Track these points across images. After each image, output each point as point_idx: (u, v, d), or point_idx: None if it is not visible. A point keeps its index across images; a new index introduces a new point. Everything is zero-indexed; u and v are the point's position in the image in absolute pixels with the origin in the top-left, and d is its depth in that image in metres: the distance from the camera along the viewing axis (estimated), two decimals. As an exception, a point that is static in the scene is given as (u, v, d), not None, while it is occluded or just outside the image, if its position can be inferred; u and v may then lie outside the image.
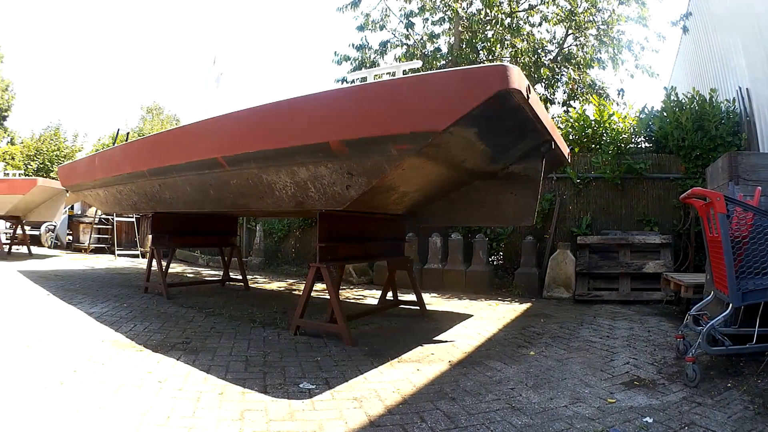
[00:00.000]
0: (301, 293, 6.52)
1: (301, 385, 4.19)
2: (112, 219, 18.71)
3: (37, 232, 21.71)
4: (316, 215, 6.05)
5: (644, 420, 3.50)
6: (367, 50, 15.61)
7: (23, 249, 17.61)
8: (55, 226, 21.10)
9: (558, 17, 15.23)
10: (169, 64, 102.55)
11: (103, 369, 4.49)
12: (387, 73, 5.91)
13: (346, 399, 3.89)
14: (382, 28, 15.52)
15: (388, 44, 15.70)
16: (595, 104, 11.44)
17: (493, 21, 14.25)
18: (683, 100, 10.75)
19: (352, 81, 12.80)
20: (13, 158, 34.97)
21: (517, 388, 4.18)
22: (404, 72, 5.27)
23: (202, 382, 4.21)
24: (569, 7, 14.81)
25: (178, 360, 4.84)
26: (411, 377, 4.47)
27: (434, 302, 8.86)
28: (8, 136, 49.04)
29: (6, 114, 51.11)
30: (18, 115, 68.19)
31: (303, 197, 5.80)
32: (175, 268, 13.99)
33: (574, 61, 15.26)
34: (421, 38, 15.78)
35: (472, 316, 7.60)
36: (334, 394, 4.01)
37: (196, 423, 3.37)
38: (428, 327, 6.71)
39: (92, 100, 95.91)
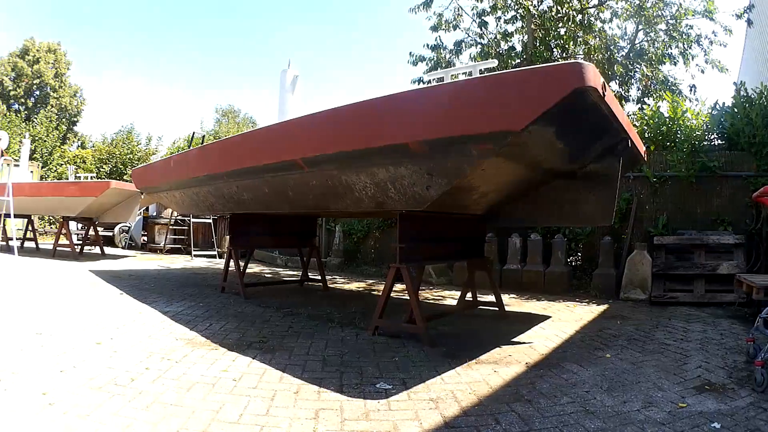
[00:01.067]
0: (380, 294, 6.65)
1: (377, 385, 4.25)
2: (189, 220, 19.28)
3: (110, 233, 22.71)
4: (396, 216, 6.12)
5: (712, 425, 3.51)
6: (441, 50, 15.71)
7: (96, 249, 18.39)
8: (129, 227, 22.00)
9: (627, 12, 15.01)
10: (244, 66, 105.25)
11: (177, 367, 4.65)
12: (463, 73, 5.89)
13: (422, 400, 3.93)
14: (455, 27, 15.61)
15: (463, 44, 15.80)
16: (668, 101, 11.27)
17: (565, 18, 14.19)
18: (752, 96, 10.47)
19: (429, 81, 12.77)
20: (84, 162, 36.46)
21: (592, 391, 4.22)
22: (480, 71, 5.28)
23: (277, 381, 4.31)
24: (637, 1, 14.55)
25: (253, 359, 4.97)
26: (488, 379, 4.49)
27: (513, 303, 8.86)
28: (79, 140, 51.35)
29: (76, 119, 53.63)
30: (89, 120, 71.40)
31: (383, 198, 5.88)
32: (253, 268, 14.33)
33: (646, 57, 15.03)
34: (495, 37, 15.80)
35: (550, 317, 7.66)
36: (411, 394, 4.05)
37: (269, 421, 3.45)
38: (507, 328, 6.75)
39: (166, 104, 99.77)
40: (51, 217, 30.03)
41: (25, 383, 4.02)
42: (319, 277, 10.42)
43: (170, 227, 20.15)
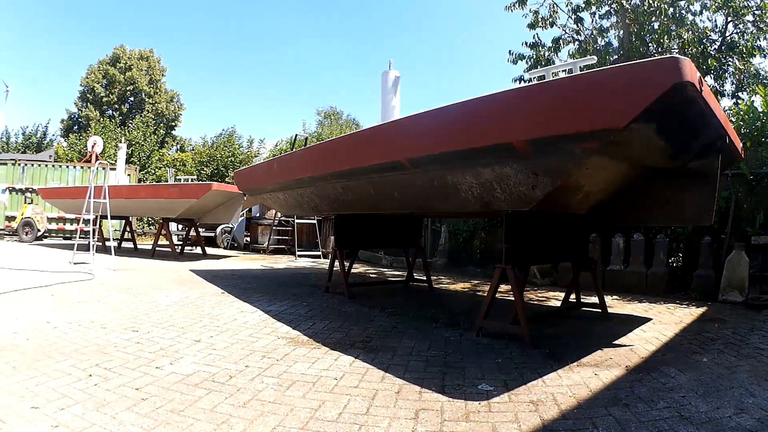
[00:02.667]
0: (485, 294, 6.74)
1: (479, 387, 4.30)
2: (293, 221, 19.89)
3: (212, 234, 23.75)
4: (501, 216, 6.26)
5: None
6: (540, 48, 15.83)
7: (197, 250, 19.13)
8: (231, 228, 22.95)
9: (716, 4, 14.69)
10: (345, 67, 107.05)
11: (277, 365, 4.84)
12: (563, 71, 5.98)
13: (522, 402, 3.97)
14: (552, 24, 15.71)
15: (560, 40, 15.93)
16: (761, 95, 10.87)
17: (657, 12, 14.01)
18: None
19: (529, 80, 13.10)
20: (184, 165, 37.94)
21: (688, 396, 4.22)
22: (580, 68, 5.32)
23: (379, 381, 4.42)
24: (724, -8, 14.21)
25: (356, 358, 5.11)
26: (588, 382, 4.51)
27: (615, 305, 8.81)
28: (177, 144, 53.49)
29: (174, 124, 55.94)
30: (188, 124, 74.47)
31: (489, 198, 5.95)
32: (358, 268, 14.65)
33: (737, 50, 14.69)
34: (591, 33, 15.79)
35: (651, 320, 7.63)
36: (511, 396, 4.10)
37: (368, 420, 3.55)
38: (608, 331, 6.79)
39: (267, 107, 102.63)
40: (150, 219, 31.40)
41: (119, 379, 4.29)
42: (424, 278, 10.57)
43: (274, 228, 20.84)
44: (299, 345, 5.59)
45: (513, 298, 6.06)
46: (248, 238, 22.90)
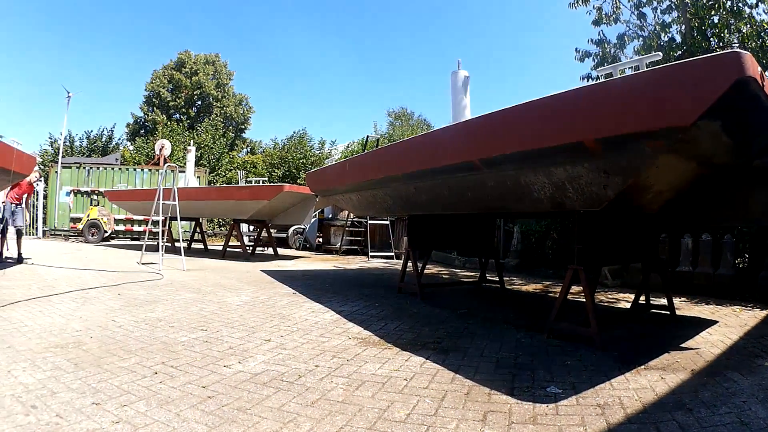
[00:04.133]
0: (556, 295, 6.75)
1: (548, 389, 4.30)
2: (365, 221, 20.06)
3: (284, 235, 24.07)
4: (573, 216, 6.25)
5: None
6: (606, 45, 15.64)
7: (268, 250, 19.41)
8: (304, 229, 23.25)
9: None
10: (415, 68, 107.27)
11: (347, 365, 4.90)
12: (630, 68, 6.02)
13: (590, 405, 3.96)
14: (615, 20, 15.56)
15: (625, 37, 15.71)
16: None
17: (716, 5, 13.76)
18: None
19: (597, 77, 12.91)
20: (255, 167, 38.57)
21: (749, 401, 4.20)
22: (646, 65, 5.32)
23: (448, 382, 4.43)
24: (773, -18, 13.80)
25: (427, 359, 5.14)
26: (654, 385, 4.48)
27: (683, 307, 8.75)
28: (247, 146, 54.45)
29: (243, 126, 56.92)
30: (258, 127, 75.92)
31: (561, 198, 5.94)
32: (431, 269, 14.67)
33: None
34: (654, 28, 15.56)
35: (717, 322, 7.61)
36: (579, 399, 4.10)
37: (436, 422, 3.56)
38: (675, 333, 6.79)
39: (337, 108, 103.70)
40: (220, 220, 31.99)
41: (185, 377, 4.40)
42: (496, 279, 10.60)
43: (346, 229, 21.09)
44: (370, 345, 5.65)
45: (584, 300, 6.08)
46: (320, 239, 23.22)
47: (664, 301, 7.69)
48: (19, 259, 13.41)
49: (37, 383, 4.15)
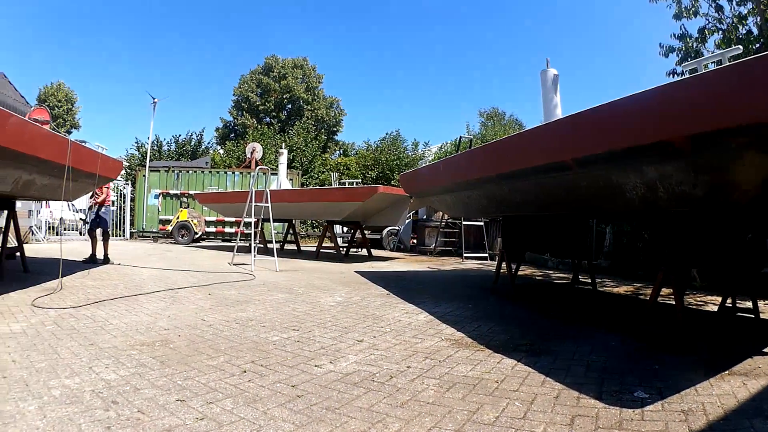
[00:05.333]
0: (647, 298, 6.58)
1: (635, 394, 4.27)
2: (460, 223, 20.11)
3: (378, 236, 24.41)
4: (663, 216, 6.25)
5: None
6: (688, 39, 15.35)
7: (362, 252, 19.65)
8: (398, 230, 23.44)
9: None
10: (505, 67, 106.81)
11: (439, 366, 4.95)
12: (713, 62, 6.01)
13: (674, 411, 3.91)
14: (695, 14, 15.24)
15: (705, 30, 15.38)
16: None
17: None
18: None
19: (682, 73, 13.01)
20: (348, 168, 39.05)
21: None
22: (729, 59, 5.26)
23: (539, 385, 4.43)
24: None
25: (518, 361, 5.14)
26: (736, 391, 4.41)
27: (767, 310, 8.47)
28: (340, 148, 55.13)
29: (335, 129, 57.73)
30: (350, 129, 77.04)
31: (653, 198, 5.89)
32: (524, 270, 14.63)
33: None
34: (732, 21, 15.12)
35: None
36: (664, 404, 4.05)
37: (524, 425, 3.57)
38: (760, 338, 6.71)
39: (429, 109, 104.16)
40: (314, 222, 32.48)
41: (275, 376, 4.52)
42: (588, 280, 10.62)
43: (441, 230, 21.20)
44: (462, 347, 5.68)
45: (674, 303, 6.06)
46: (415, 240, 23.41)
47: (749, 304, 7.56)
48: (105, 260, 14.03)
49: (119, 380, 4.29)
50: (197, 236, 26.06)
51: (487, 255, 19.45)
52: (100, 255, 14.13)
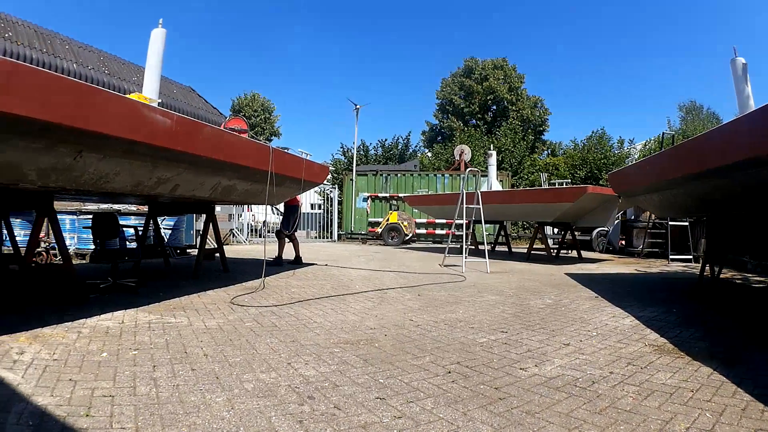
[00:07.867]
0: None
1: None
2: (666, 223, 19.45)
3: (587, 237, 24.01)
4: None
5: None
6: None
7: (572, 253, 19.49)
8: (607, 231, 23.02)
9: None
10: (703, 57, 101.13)
11: (640, 373, 4.96)
12: None
13: None
14: None
15: None
16: None
17: None
18: None
19: None
20: (557, 168, 38.57)
21: None
22: None
23: (730, 396, 4.38)
24: None
25: (714, 370, 5.07)
26: None
27: None
28: (548, 148, 54.39)
29: (542, 128, 56.93)
30: (556, 128, 75.65)
31: None
32: (725, 274, 13.83)
33: None
34: None
35: None
36: None
37: None
38: None
39: (631, 106, 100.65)
40: (524, 223, 32.41)
41: (479, 377, 4.71)
42: None
43: (648, 231, 20.58)
44: (664, 353, 5.67)
45: None
46: (623, 242, 22.80)
47: None
48: (297, 260, 14.88)
49: (318, 376, 4.59)
50: (407, 238, 26.73)
51: (691, 257, 18.69)
52: (289, 256, 14.97)
